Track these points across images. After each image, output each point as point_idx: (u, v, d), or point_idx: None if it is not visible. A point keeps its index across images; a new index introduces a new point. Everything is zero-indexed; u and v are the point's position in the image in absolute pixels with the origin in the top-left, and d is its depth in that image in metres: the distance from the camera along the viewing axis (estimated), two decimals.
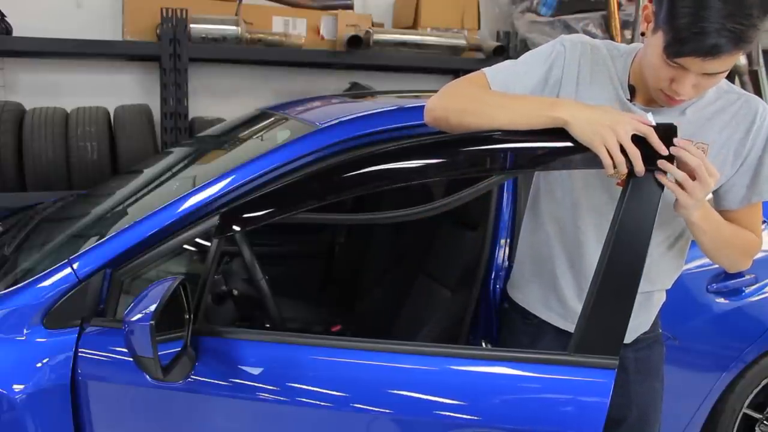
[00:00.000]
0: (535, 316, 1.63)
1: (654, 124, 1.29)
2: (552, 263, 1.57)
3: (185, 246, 1.85)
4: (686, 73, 1.26)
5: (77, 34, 3.33)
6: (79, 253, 1.64)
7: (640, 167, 1.26)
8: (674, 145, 1.27)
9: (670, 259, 1.57)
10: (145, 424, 1.58)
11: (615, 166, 1.26)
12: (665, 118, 1.36)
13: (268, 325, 1.94)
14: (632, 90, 1.44)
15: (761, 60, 4.49)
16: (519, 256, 1.70)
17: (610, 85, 1.45)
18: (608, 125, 1.25)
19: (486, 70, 1.48)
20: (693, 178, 1.27)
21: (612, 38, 4.03)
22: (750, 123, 1.42)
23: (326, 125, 1.86)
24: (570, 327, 1.56)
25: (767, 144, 1.43)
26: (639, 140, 1.27)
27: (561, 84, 1.45)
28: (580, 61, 1.46)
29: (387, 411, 1.42)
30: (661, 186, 1.30)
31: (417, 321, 2.11)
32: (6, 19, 3.17)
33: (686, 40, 1.20)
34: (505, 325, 1.76)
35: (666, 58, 1.25)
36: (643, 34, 1.35)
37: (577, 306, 1.53)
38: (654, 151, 1.27)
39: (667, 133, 1.28)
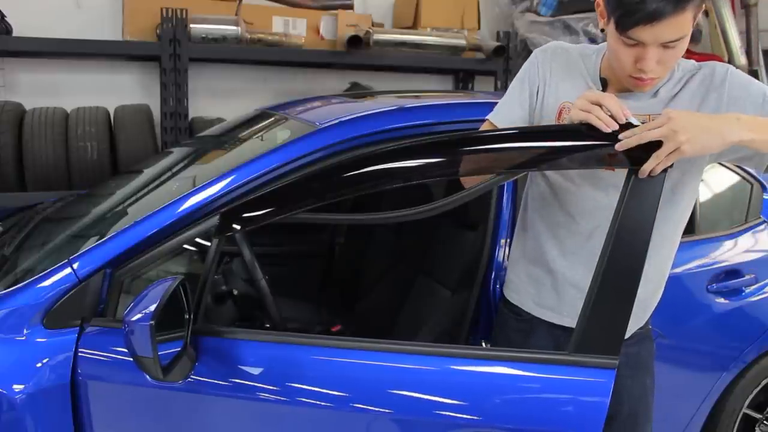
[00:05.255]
0: (527, 313, 1.65)
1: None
2: (543, 254, 1.59)
3: (185, 246, 1.85)
4: (645, 49, 1.32)
5: (77, 34, 3.34)
6: (79, 253, 1.64)
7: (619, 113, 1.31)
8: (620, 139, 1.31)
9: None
10: (145, 424, 1.58)
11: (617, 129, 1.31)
12: (641, 103, 1.44)
13: (268, 325, 1.94)
14: (604, 83, 1.50)
15: (761, 60, 4.48)
16: (512, 256, 1.72)
17: (582, 81, 1.52)
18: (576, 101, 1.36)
19: (489, 116, 1.59)
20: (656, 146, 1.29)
21: None
22: (720, 81, 1.43)
23: (326, 125, 1.86)
24: (563, 320, 1.59)
25: (742, 87, 1.43)
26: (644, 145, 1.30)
27: (538, 87, 1.55)
28: (551, 64, 1.55)
29: (387, 411, 1.42)
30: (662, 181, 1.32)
31: (417, 321, 2.11)
32: (6, 19, 3.17)
33: (632, 11, 1.27)
34: (497, 324, 1.77)
35: (620, 36, 1.31)
36: (603, 30, 1.42)
37: (570, 292, 1.56)
38: (642, 153, 1.30)
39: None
